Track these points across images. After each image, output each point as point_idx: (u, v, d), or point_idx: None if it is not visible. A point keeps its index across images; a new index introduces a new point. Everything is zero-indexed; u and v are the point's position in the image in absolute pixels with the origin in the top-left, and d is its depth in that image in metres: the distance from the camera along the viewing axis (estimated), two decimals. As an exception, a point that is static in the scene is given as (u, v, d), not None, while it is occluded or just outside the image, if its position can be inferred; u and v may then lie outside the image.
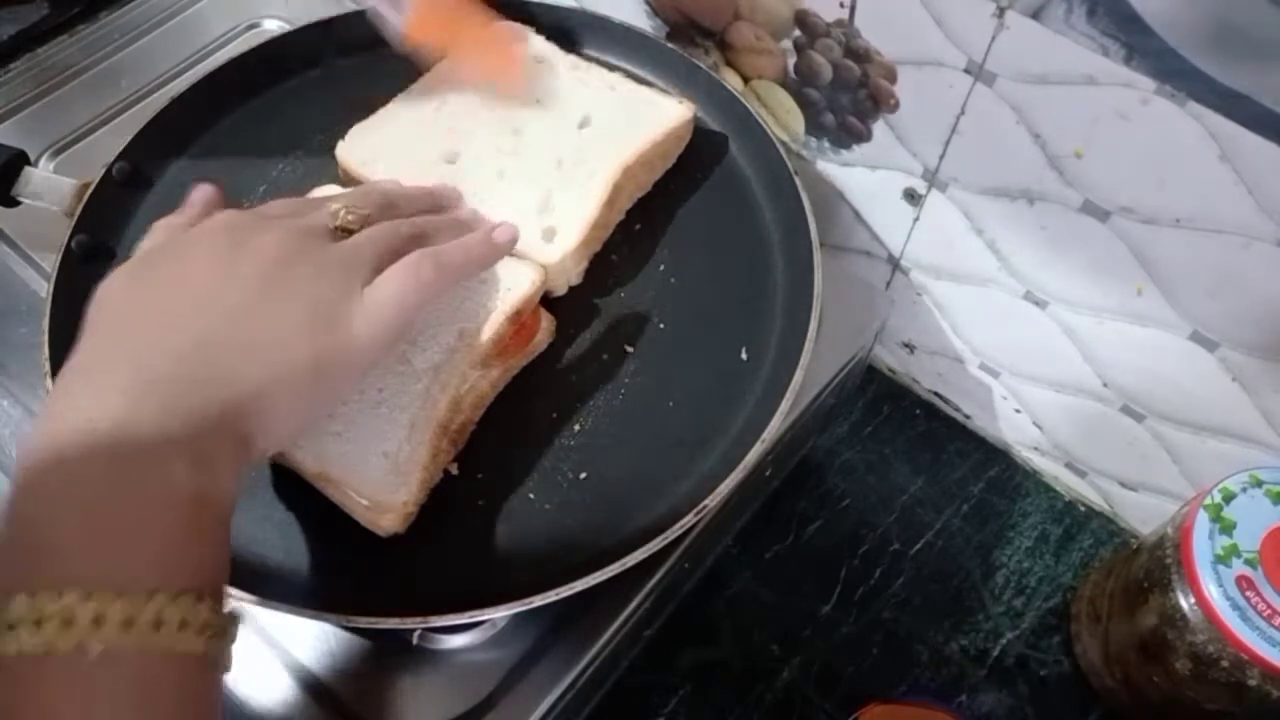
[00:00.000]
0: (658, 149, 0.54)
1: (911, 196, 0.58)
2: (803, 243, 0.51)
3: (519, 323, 0.47)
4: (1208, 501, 0.48)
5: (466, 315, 0.46)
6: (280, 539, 0.44)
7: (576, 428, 0.47)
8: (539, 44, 0.58)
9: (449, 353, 0.45)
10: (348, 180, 0.53)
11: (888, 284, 0.65)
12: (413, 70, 0.56)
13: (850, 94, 0.56)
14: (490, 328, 0.46)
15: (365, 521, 0.43)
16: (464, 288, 0.47)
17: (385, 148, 0.53)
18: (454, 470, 0.46)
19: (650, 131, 0.53)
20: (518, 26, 0.57)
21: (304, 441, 0.43)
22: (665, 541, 0.42)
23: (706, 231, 0.54)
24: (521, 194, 0.51)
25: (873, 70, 0.53)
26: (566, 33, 0.60)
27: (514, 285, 0.47)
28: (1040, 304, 0.56)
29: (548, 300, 0.50)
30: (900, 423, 0.69)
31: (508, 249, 0.45)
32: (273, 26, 0.73)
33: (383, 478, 0.42)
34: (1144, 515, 0.62)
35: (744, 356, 0.50)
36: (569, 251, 0.49)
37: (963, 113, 0.51)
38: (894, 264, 0.63)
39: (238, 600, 0.41)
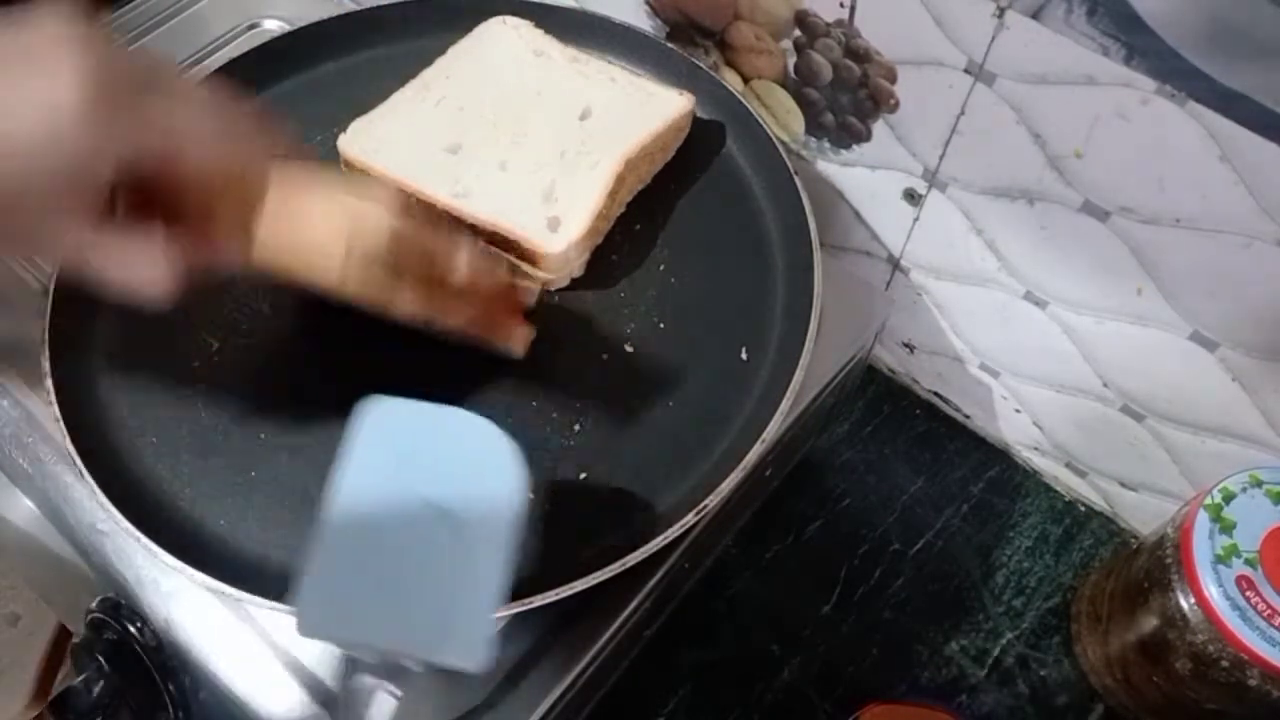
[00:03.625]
0: (658, 140, 0.54)
1: (911, 196, 0.58)
2: (803, 242, 0.51)
3: (515, 288, 0.47)
4: (1208, 501, 0.48)
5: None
6: (283, 538, 0.44)
7: (576, 428, 0.47)
8: (538, 38, 0.58)
9: None
10: (349, 174, 0.53)
11: (888, 284, 0.65)
12: (413, 69, 0.56)
13: (850, 94, 0.56)
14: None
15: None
16: None
17: (387, 140, 0.53)
18: (454, 470, 0.46)
19: (651, 122, 0.53)
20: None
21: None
22: (665, 541, 0.42)
23: (706, 231, 0.54)
24: (524, 184, 0.51)
25: (873, 70, 0.53)
26: (566, 33, 0.60)
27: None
28: (1040, 304, 0.56)
29: (548, 300, 0.50)
30: (900, 423, 0.69)
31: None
32: (273, 26, 0.73)
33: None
34: (1144, 515, 0.62)
35: (744, 356, 0.50)
36: (574, 241, 0.49)
37: (963, 113, 0.51)
38: (894, 264, 0.63)
39: (242, 600, 0.41)
